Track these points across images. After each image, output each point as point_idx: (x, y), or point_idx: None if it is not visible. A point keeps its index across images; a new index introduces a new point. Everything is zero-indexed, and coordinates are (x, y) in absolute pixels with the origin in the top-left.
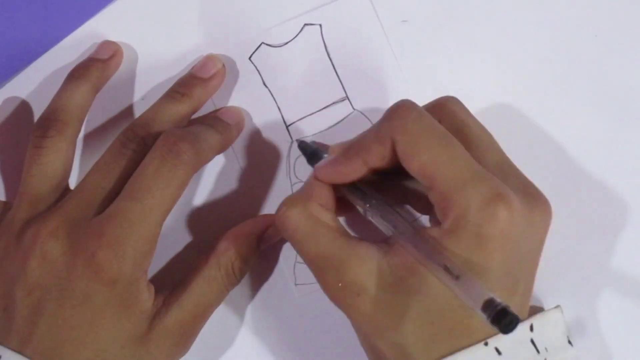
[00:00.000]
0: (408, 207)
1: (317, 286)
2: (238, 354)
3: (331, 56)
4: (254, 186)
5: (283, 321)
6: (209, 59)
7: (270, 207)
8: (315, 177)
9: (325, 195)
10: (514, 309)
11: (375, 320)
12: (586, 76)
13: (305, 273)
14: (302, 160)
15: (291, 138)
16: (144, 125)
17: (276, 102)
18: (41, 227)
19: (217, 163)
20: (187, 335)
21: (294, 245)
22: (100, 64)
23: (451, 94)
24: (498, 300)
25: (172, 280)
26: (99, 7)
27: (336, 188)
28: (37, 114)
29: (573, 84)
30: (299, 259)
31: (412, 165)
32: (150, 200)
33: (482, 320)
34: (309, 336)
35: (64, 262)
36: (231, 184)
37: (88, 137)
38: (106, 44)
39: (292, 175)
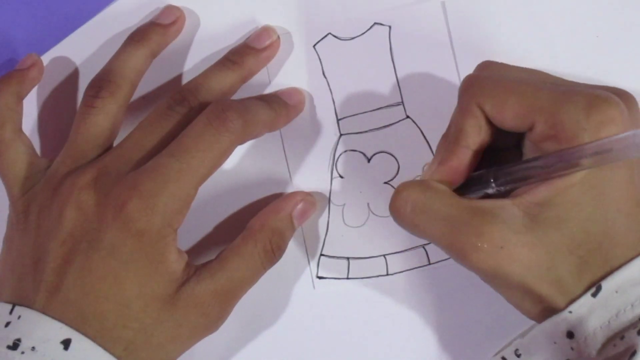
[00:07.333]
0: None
1: (337, 281)
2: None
3: (394, 59)
4: (294, 172)
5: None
6: (264, 30)
7: None
8: None
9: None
10: None
11: (525, 263)
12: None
13: (327, 267)
14: (346, 156)
15: (340, 132)
16: (193, 90)
17: (332, 94)
18: (78, 178)
19: (261, 145)
20: (217, 308)
21: (416, 224)
22: (160, 29)
23: None
24: None
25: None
26: None
27: None
28: (85, 76)
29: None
30: (325, 250)
31: (505, 115)
32: (189, 160)
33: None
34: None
35: (96, 212)
36: (272, 167)
37: (136, 100)
38: (169, 9)
39: (333, 170)
